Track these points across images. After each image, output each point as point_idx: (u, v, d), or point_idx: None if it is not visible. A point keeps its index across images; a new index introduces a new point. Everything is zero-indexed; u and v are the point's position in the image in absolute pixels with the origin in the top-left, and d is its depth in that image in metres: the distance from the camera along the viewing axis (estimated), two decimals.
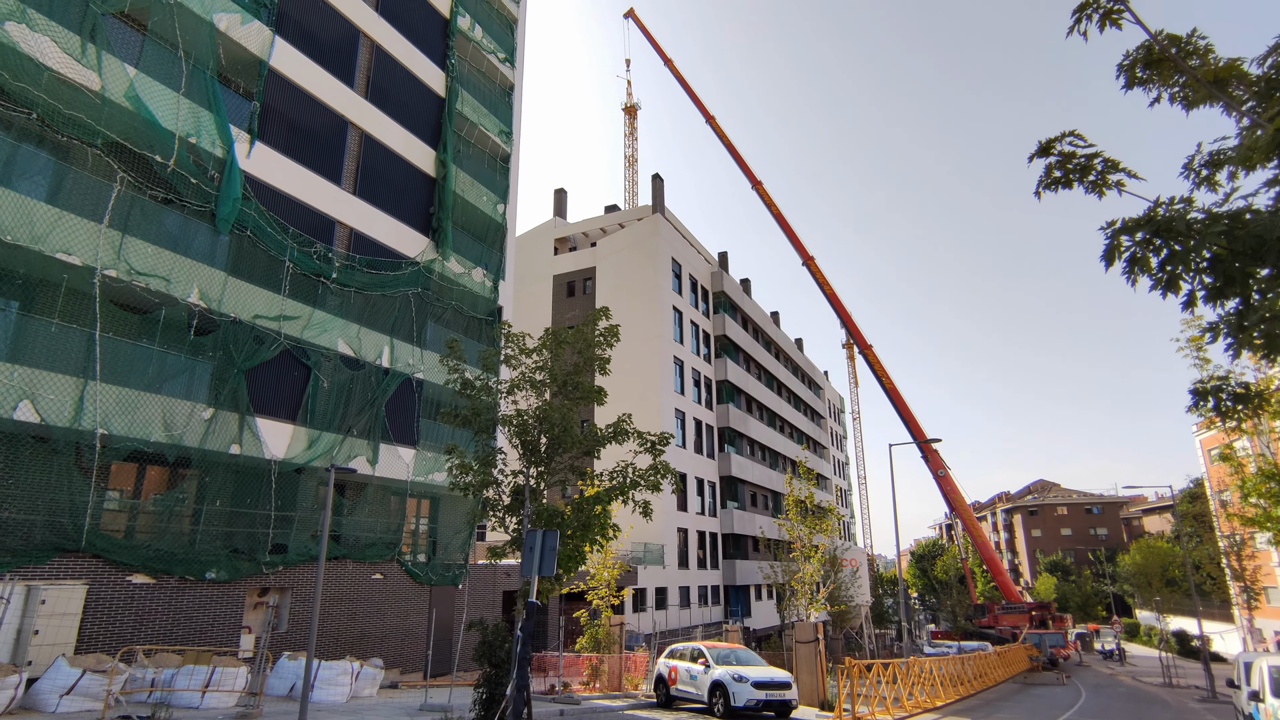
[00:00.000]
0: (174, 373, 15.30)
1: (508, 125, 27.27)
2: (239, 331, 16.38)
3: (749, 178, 48.82)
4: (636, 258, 41.94)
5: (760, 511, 49.35)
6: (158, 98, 15.25)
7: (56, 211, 13.30)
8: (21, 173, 13.23)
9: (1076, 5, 5.48)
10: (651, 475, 16.44)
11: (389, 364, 20.35)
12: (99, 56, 14.27)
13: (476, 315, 24.24)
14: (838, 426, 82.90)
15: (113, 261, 14.05)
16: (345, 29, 21.01)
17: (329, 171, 19.86)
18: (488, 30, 27.08)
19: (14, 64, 12.97)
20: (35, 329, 13.26)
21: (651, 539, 35.08)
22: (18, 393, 12.49)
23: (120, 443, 13.94)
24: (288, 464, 17.22)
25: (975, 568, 64.97)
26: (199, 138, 15.98)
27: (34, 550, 12.67)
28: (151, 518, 15.18)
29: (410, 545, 21.45)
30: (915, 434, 46.19)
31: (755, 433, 49.80)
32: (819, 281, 48.99)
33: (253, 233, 16.97)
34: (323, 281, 18.75)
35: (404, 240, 21.87)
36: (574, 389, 17.05)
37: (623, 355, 23.05)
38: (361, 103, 21.07)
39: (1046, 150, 5.89)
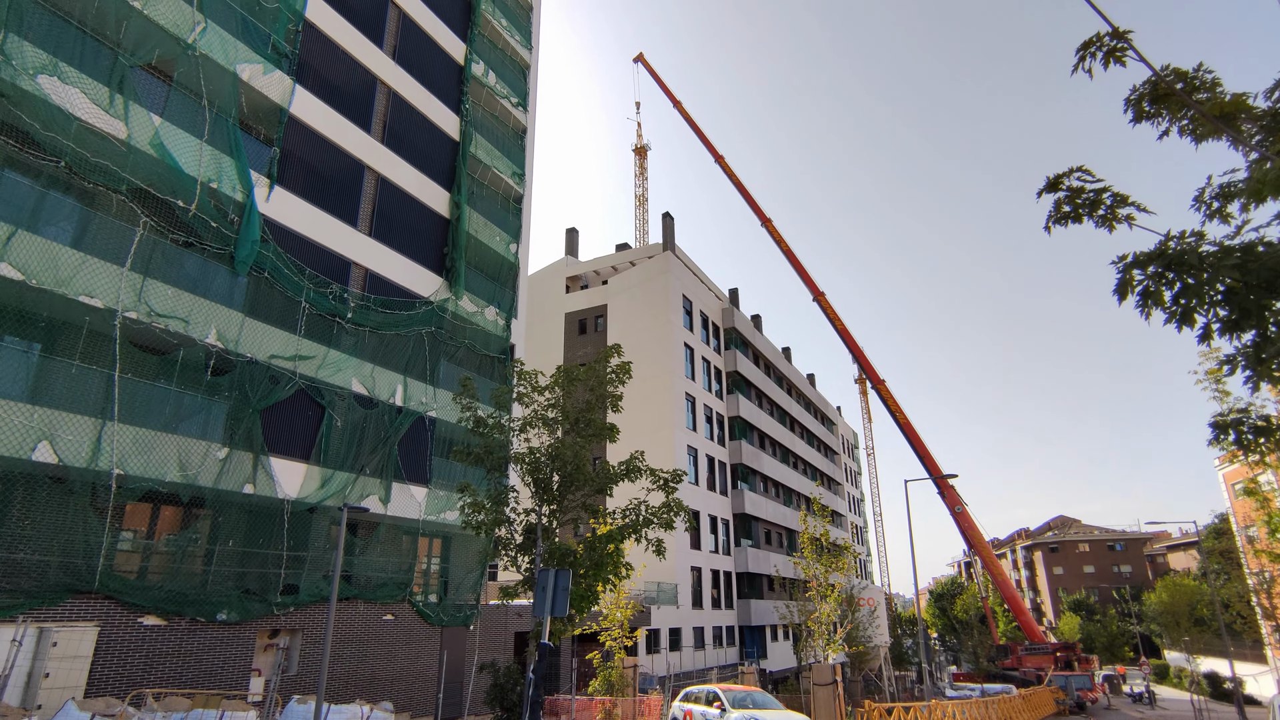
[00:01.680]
0: (190, 412, 15.44)
1: (520, 167, 27.78)
2: (255, 371, 16.55)
3: (759, 215, 49.29)
4: (648, 295, 42.20)
5: (775, 549, 48.64)
6: (181, 145, 15.69)
7: (81, 255, 13.61)
8: (49, 219, 13.59)
9: (1080, 44, 5.57)
10: (664, 513, 16.31)
11: (402, 402, 20.44)
12: (126, 106, 14.74)
13: (489, 353, 24.38)
14: (852, 462, 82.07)
15: (133, 304, 14.30)
16: (363, 77, 21.62)
17: (346, 214, 20.24)
18: (501, 76, 27.78)
19: (45, 115, 13.42)
20: (56, 370, 13.47)
21: (665, 578, 34.59)
22: (37, 434, 12.62)
23: (136, 483, 14.01)
24: (300, 503, 17.21)
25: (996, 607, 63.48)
26: (220, 183, 16.38)
27: (47, 592, 12.66)
28: (164, 558, 15.17)
29: (422, 585, 21.26)
30: (931, 469, 45.62)
31: (769, 469, 49.37)
32: (830, 317, 49.01)
33: (270, 274, 17.25)
34: (338, 321, 18.97)
35: (418, 280, 22.15)
36: (586, 426, 17.05)
37: (635, 392, 23.05)
38: (378, 147, 21.57)
39: (1055, 185, 5.93)
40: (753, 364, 51.07)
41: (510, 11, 29.19)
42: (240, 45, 17.36)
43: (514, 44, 28.94)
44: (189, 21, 16.26)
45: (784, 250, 49.94)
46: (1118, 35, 5.51)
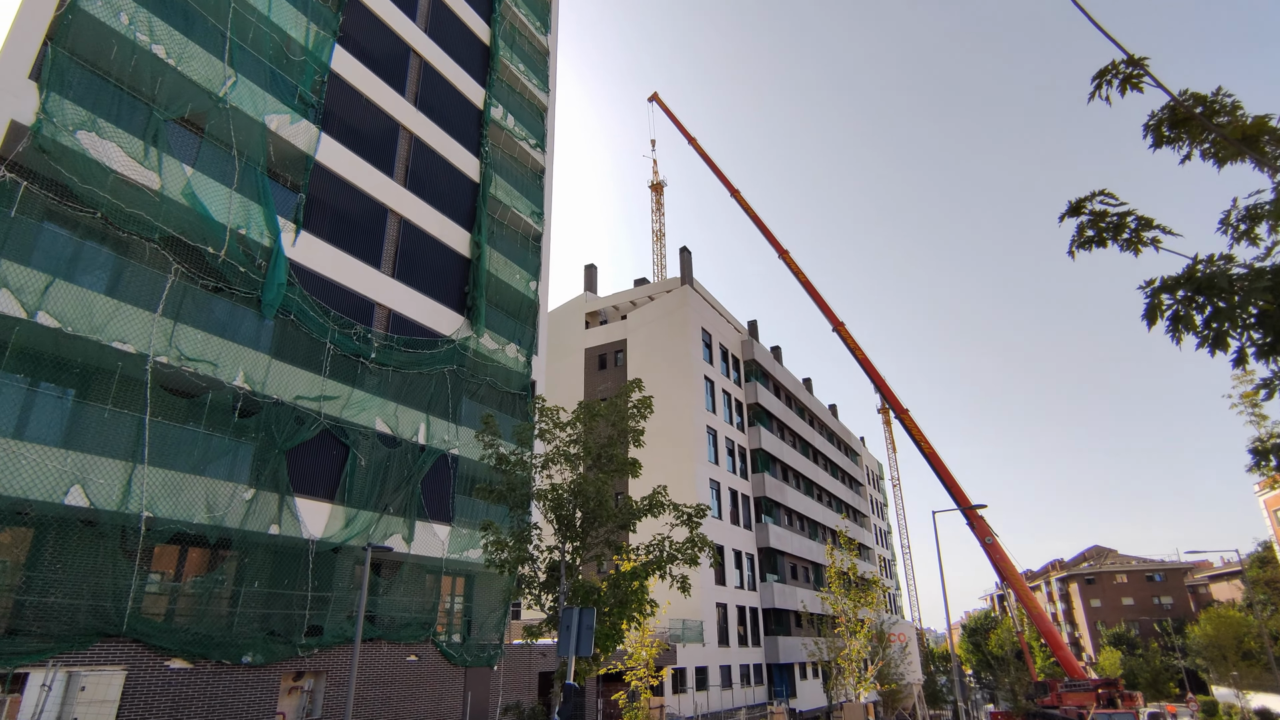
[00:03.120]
0: (218, 454, 15.63)
1: (539, 206, 28.22)
2: (281, 413, 16.75)
3: (775, 247, 49.47)
4: (667, 329, 42.31)
5: (801, 584, 47.73)
6: (212, 193, 16.17)
7: (114, 303, 13.97)
8: (85, 268, 14.01)
9: (1096, 72, 5.60)
10: (689, 548, 16.11)
11: (425, 441, 20.54)
12: (160, 158, 15.25)
13: (510, 390, 24.50)
14: (877, 493, 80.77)
15: (164, 348, 14.61)
16: (386, 123, 22.22)
17: (369, 256, 20.64)
18: (519, 119, 28.41)
19: (83, 169, 13.92)
20: (89, 415, 13.74)
21: (690, 615, 34.02)
22: (70, 478, 12.83)
23: (164, 525, 14.14)
24: (325, 543, 17.25)
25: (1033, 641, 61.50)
26: (248, 229, 16.81)
27: (77, 635, 12.73)
28: (191, 600, 15.22)
29: (445, 625, 21.10)
30: (959, 500, 44.75)
31: (793, 502, 48.71)
32: (850, 347, 48.73)
33: (296, 316, 17.57)
34: (362, 361, 19.21)
35: (440, 319, 22.43)
36: (608, 461, 16.99)
37: (656, 426, 22.98)
38: (400, 191, 22.06)
39: (1077, 210, 5.91)
40: (774, 395, 50.77)
41: (527, 56, 29.96)
42: (268, 97, 17.96)
43: (531, 87, 29.65)
44: (220, 76, 16.88)
45: (802, 281, 49.95)
46: (1133, 63, 5.53)
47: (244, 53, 17.70)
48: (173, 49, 15.97)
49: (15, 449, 12.25)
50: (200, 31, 16.77)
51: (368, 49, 22.03)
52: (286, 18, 18.95)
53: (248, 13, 18.05)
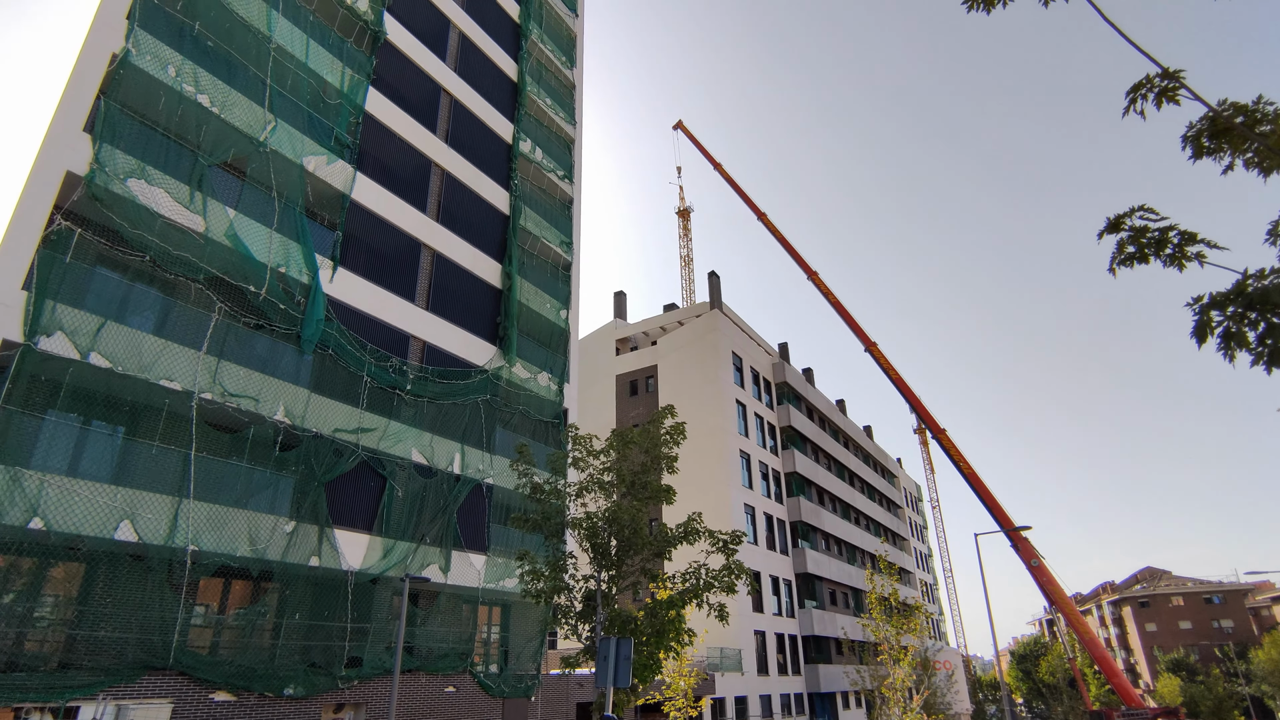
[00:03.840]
0: (260, 488, 15.94)
1: (568, 236, 28.58)
2: (320, 445, 17.05)
3: (804, 269, 49.30)
4: (697, 354, 42.26)
5: (841, 610, 46.71)
6: (253, 234, 16.70)
7: (162, 342, 14.43)
8: (134, 309, 14.53)
9: (1130, 86, 5.55)
10: (725, 576, 15.90)
11: (460, 470, 20.70)
12: (204, 202, 15.82)
13: (543, 418, 24.63)
14: (916, 516, 79.05)
15: (209, 385, 15.02)
16: (419, 161, 22.79)
17: (404, 290, 21.05)
18: (547, 151, 28.92)
19: (133, 214, 14.49)
20: (138, 452, 14.14)
21: (728, 643, 33.47)
22: (120, 513, 13.17)
23: (209, 558, 14.41)
24: (364, 574, 17.40)
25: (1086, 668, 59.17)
26: (288, 267, 17.29)
27: (125, 669, 12.97)
28: (234, 633, 15.43)
29: (482, 655, 21.04)
30: (1001, 522, 43.55)
31: (829, 526, 47.89)
32: (884, 367, 48.09)
33: (334, 351, 17.95)
34: (398, 393, 19.50)
35: (473, 350, 22.71)
36: (642, 489, 16.93)
37: (688, 451, 22.87)
38: (433, 225, 22.53)
39: (1116, 226, 5.82)
40: (807, 418, 50.24)
41: (554, 91, 30.57)
42: (306, 139, 18.57)
43: (558, 120, 30.20)
44: (261, 121, 17.52)
45: (832, 302, 49.61)
46: (1169, 76, 5.47)
47: (283, 98, 18.37)
48: (216, 97, 16.64)
49: (69, 486, 12.64)
50: (242, 80, 17.46)
51: (400, 90, 22.69)
52: (323, 63, 19.64)
53: (286, 60, 18.76)
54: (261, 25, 18.24)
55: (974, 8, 6.74)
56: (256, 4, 18.25)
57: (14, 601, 12.56)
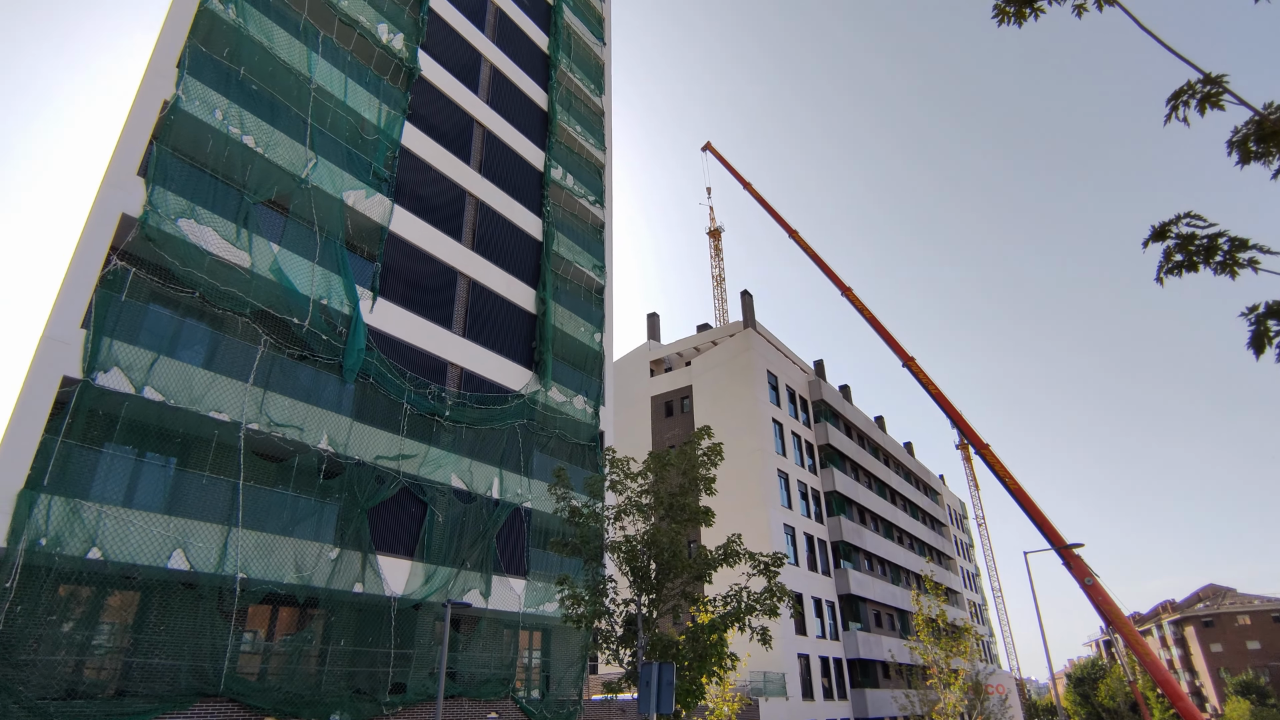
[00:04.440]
0: (305, 515, 16.24)
1: (600, 259, 28.84)
2: (362, 473, 17.34)
3: (838, 285, 48.90)
4: (731, 373, 42.08)
5: (887, 633, 45.57)
6: (296, 268, 17.21)
7: (211, 375, 14.90)
8: (185, 344, 15.04)
9: (1171, 93, 5.46)
10: (767, 598, 15.66)
11: (498, 495, 20.84)
12: (250, 239, 16.38)
13: (579, 441, 24.71)
14: (962, 534, 77.00)
15: (256, 416, 15.42)
16: (453, 191, 23.30)
17: (441, 317, 21.43)
18: (578, 177, 29.33)
19: (183, 253, 15.07)
20: (189, 482, 14.56)
21: (771, 667, 32.86)
22: (173, 542, 13.54)
23: (257, 586, 14.69)
24: (406, 600, 17.55)
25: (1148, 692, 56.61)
26: (330, 299, 17.75)
27: (179, 695, 13.24)
28: (281, 659, 15.66)
29: (524, 681, 20.99)
30: (1052, 539, 42.15)
31: (872, 545, 46.93)
32: (923, 382, 47.24)
33: (374, 379, 18.31)
34: (436, 420, 19.78)
35: (509, 375, 22.96)
36: (680, 511, 16.80)
37: (725, 472, 22.69)
38: (469, 254, 22.96)
39: (1162, 234, 5.69)
40: (845, 435, 49.53)
41: (583, 118, 31.05)
42: (346, 175, 19.14)
43: (588, 147, 30.64)
44: (302, 159, 18.12)
45: (867, 317, 49.02)
46: (1210, 81, 5.37)
47: (323, 136, 19.00)
48: (260, 138, 17.29)
49: (125, 516, 13.04)
50: (284, 120, 18.11)
51: (434, 123, 23.28)
52: (361, 100, 20.28)
53: (326, 99, 19.43)
54: (302, 67, 18.94)
55: (1005, 20, 6.71)
56: (298, 47, 18.97)
57: (74, 630, 12.96)
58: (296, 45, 18.98)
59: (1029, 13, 6.71)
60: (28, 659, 11.81)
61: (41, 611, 12.15)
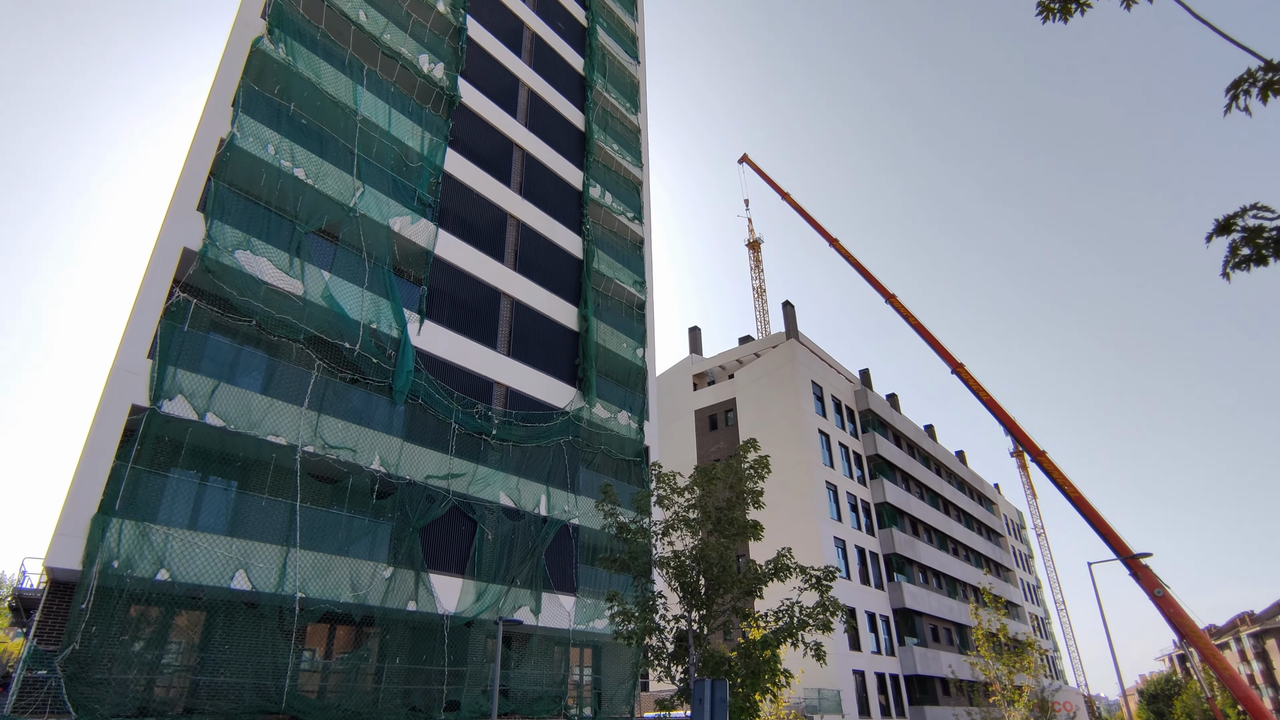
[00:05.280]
0: (359, 535, 16.59)
1: (640, 275, 28.98)
2: (413, 492, 17.65)
3: (882, 293, 48.17)
4: (775, 385, 41.69)
5: (945, 648, 44.23)
6: (346, 294, 17.72)
7: (268, 400, 15.39)
8: (243, 370, 15.59)
9: (1231, 82, 5.27)
10: (820, 613, 15.36)
11: (546, 512, 20.97)
12: (302, 267, 16.94)
13: (625, 457, 24.74)
14: (1020, 545, 74.47)
15: (311, 438, 15.86)
16: (495, 214, 23.75)
17: (486, 338, 21.78)
18: (616, 195, 29.59)
19: (240, 283, 15.66)
20: (249, 504, 15.02)
21: (825, 684, 32.18)
22: (235, 563, 13.96)
23: (315, 604, 15.03)
24: (458, 618, 17.73)
25: (1228, 709, 53.67)
26: (379, 323, 18.21)
27: (243, 713, 13.58)
28: (339, 677, 15.95)
29: (575, 698, 20.96)
30: (1117, 549, 40.43)
31: (926, 558, 45.73)
32: (973, 388, 46.06)
33: (423, 400, 18.67)
34: (484, 438, 20.04)
35: (553, 392, 23.17)
36: (729, 525, 16.65)
37: (773, 485, 22.44)
38: (511, 274, 23.32)
39: (1227, 228, 5.48)
40: (894, 445, 48.53)
41: (620, 136, 31.38)
42: (391, 202, 19.68)
43: (625, 164, 30.92)
44: (350, 188, 18.71)
45: (913, 324, 48.11)
46: (1272, 68, 5.17)
47: (369, 165, 19.59)
48: (310, 170, 17.91)
49: (190, 539, 13.51)
50: (332, 151, 18.75)
51: (475, 149, 23.81)
52: (404, 129, 20.87)
53: (371, 130, 20.06)
54: (348, 100, 19.59)
55: (1049, 17, 6.59)
56: (344, 81, 19.65)
57: (144, 649, 13.43)
58: (342, 79, 19.66)
59: (1074, 6, 6.58)
60: (103, 678, 12.28)
61: (115, 632, 12.63)
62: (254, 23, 18.39)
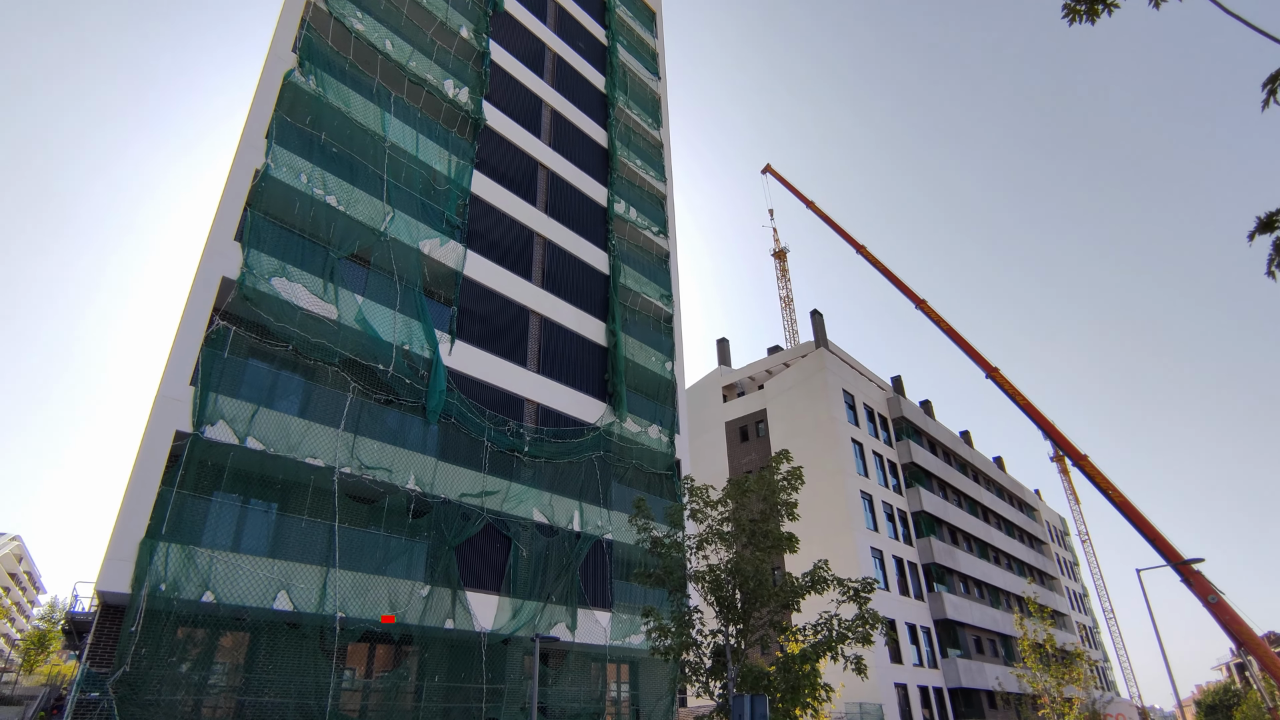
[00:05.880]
0: (396, 554, 16.78)
1: (667, 289, 29.05)
2: (448, 511, 17.82)
3: (911, 298, 47.64)
4: (806, 395, 41.37)
5: (989, 659, 43.18)
6: (379, 316, 18.05)
7: (305, 423, 15.70)
8: (281, 394, 15.93)
9: (1268, 76, 5.18)
10: (859, 626, 15.14)
11: (579, 528, 21.01)
12: (336, 292, 17.30)
13: (657, 471, 24.71)
14: (1064, 552, 72.55)
15: (348, 460, 16.13)
16: (522, 233, 24.04)
17: (515, 355, 21.99)
18: (640, 209, 29.77)
19: (277, 309, 16.05)
20: (289, 526, 15.30)
21: (867, 698, 31.60)
22: (277, 584, 14.22)
23: (354, 624, 15.22)
24: (495, 635, 17.81)
25: None
26: (411, 344, 18.50)
27: None
28: (380, 696, 16.10)
29: (613, 714, 20.87)
30: (1167, 555, 39.18)
31: (966, 567, 44.79)
32: (1009, 392, 45.20)
33: (456, 419, 18.88)
34: (516, 456, 20.19)
35: (584, 408, 23.27)
36: (763, 538, 16.52)
37: (807, 496, 22.21)
38: (539, 292, 23.55)
39: (1269, 225, 5.37)
40: (930, 453, 47.75)
41: (643, 151, 31.60)
42: (421, 225, 20.04)
43: (649, 179, 31.11)
44: (380, 213, 19.10)
45: (945, 329, 47.44)
46: None
47: (398, 190, 19.99)
48: (342, 197, 18.34)
49: (234, 561, 13.80)
50: (363, 178, 19.18)
51: (501, 169, 24.16)
52: (431, 153, 21.27)
53: (399, 155, 20.48)
54: (377, 127, 20.05)
55: (1076, 19, 6.53)
56: (372, 109, 20.12)
57: (191, 670, 13.72)
58: (371, 107, 20.13)
59: (1101, 8, 6.51)
60: (152, 699, 12.56)
61: (163, 653, 12.92)
62: (286, 56, 18.94)
